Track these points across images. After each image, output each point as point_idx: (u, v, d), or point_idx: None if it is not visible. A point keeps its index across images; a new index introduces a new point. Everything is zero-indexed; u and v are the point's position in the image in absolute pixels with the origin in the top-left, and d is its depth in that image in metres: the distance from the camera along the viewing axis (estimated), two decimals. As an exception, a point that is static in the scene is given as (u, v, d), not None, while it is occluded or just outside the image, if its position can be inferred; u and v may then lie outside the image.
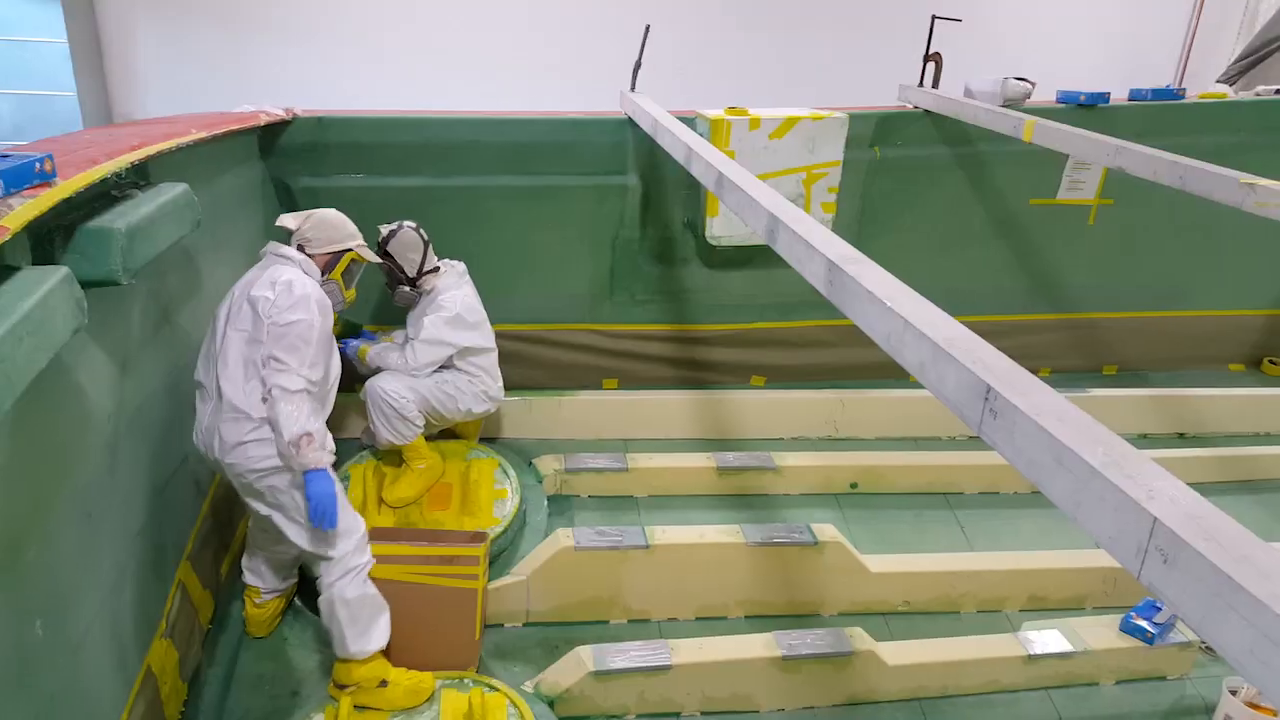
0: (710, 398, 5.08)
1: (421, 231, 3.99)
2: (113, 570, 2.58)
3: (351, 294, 3.45)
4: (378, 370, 4.01)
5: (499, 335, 4.21)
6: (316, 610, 3.14)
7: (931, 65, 5.26)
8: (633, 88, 4.83)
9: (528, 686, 3.22)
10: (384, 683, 3.03)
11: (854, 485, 4.59)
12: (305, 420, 2.86)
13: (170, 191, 2.66)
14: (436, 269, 4.05)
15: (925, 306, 1.72)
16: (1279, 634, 0.90)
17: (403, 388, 3.90)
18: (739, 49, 7.91)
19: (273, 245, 3.24)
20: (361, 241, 3.42)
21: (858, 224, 5.13)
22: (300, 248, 3.26)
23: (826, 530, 3.86)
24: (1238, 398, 5.41)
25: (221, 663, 3.29)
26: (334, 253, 3.31)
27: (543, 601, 3.65)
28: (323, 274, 3.26)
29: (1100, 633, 3.61)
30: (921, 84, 5.25)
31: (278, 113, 4.24)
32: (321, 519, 2.91)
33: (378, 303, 4.61)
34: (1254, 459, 4.94)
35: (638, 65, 4.82)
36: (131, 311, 2.87)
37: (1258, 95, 5.66)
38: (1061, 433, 1.21)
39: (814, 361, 5.40)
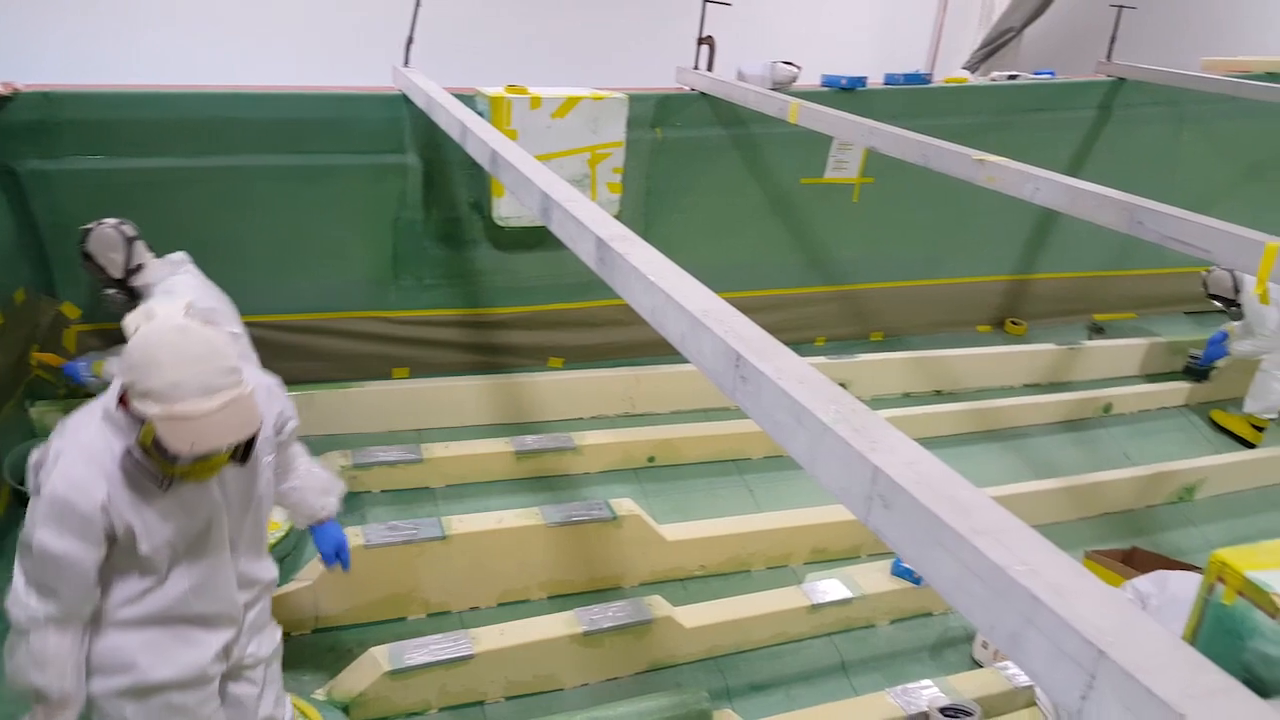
0: (507, 382, 5.02)
1: (125, 228, 3.61)
2: None
3: (200, 469, 2.01)
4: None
5: (271, 326, 3.97)
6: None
7: (705, 48, 5.42)
8: (405, 63, 4.65)
9: (319, 694, 3.08)
10: None
11: (651, 459, 4.70)
12: (20, 668, 2.06)
13: None
14: (141, 266, 3.61)
15: (686, 281, 1.77)
16: (976, 564, 0.99)
17: None
18: (520, 24, 7.82)
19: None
20: (172, 411, 1.86)
21: (643, 204, 5.22)
22: None
23: (624, 505, 3.93)
24: (985, 356, 6.00)
25: None
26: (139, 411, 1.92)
27: (332, 605, 3.48)
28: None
29: (874, 578, 3.92)
30: (696, 67, 5.40)
31: (-7, 87, 3.75)
32: None
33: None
34: (999, 410, 5.51)
35: (410, 39, 4.64)
36: None
37: (992, 80, 6.27)
38: (799, 393, 1.27)
39: (610, 340, 5.46)
